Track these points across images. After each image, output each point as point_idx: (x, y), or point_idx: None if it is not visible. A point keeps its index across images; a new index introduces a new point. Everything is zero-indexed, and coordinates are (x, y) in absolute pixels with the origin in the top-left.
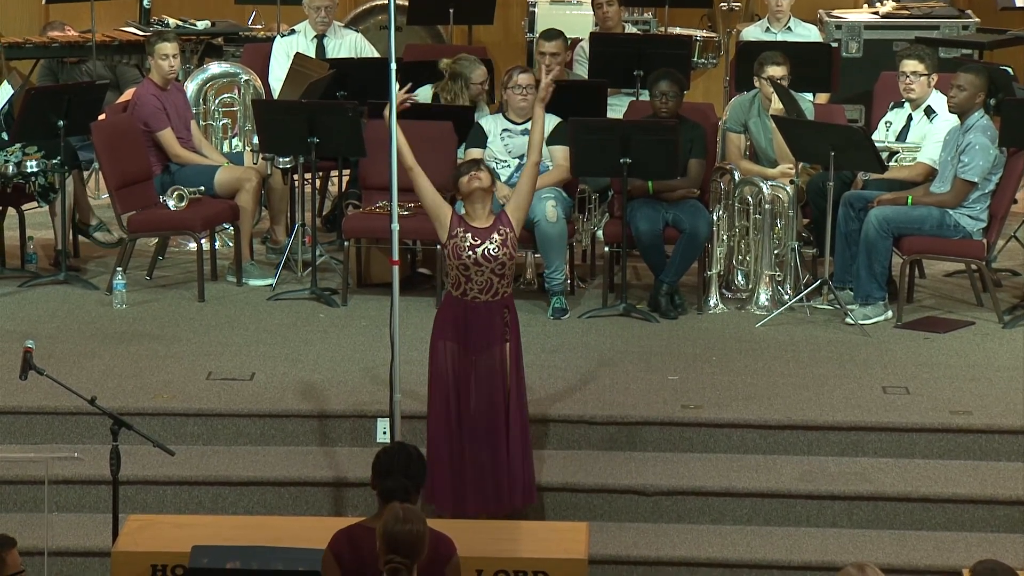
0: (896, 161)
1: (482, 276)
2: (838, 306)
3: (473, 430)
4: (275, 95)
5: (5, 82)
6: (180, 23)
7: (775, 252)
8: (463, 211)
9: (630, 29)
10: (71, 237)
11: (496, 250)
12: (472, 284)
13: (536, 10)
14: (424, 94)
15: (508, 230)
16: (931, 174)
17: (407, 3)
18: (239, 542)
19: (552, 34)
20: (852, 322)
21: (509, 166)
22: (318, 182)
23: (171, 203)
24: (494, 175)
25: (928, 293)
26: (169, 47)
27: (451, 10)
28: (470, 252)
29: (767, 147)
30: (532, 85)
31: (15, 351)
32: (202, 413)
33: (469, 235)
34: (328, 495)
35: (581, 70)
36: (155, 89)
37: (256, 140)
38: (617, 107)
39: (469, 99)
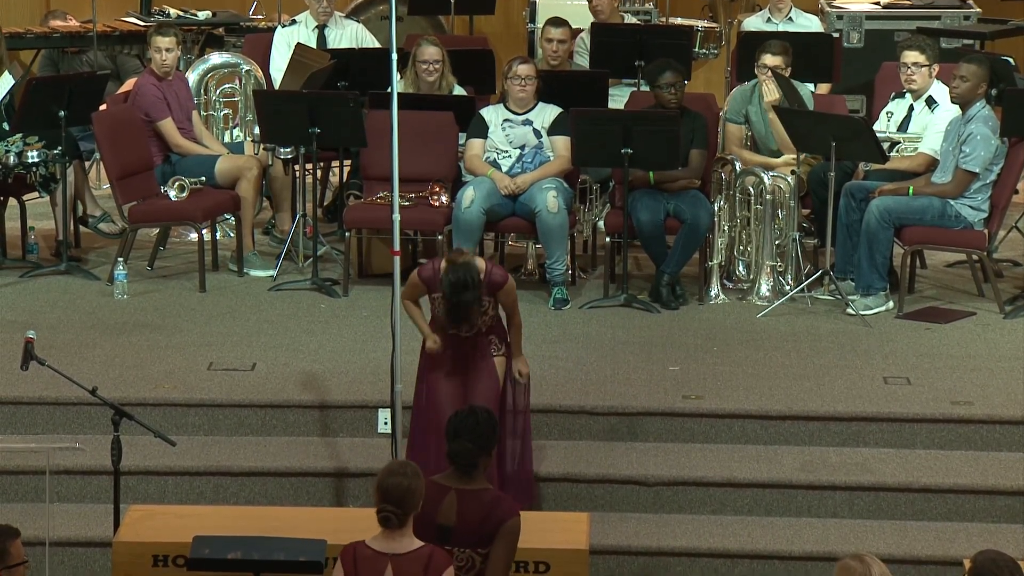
0: (897, 151)
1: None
2: (839, 296)
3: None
4: (276, 85)
5: (6, 72)
6: (181, 13)
7: (776, 242)
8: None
9: (631, 19)
10: (72, 227)
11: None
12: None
13: (537, 0)
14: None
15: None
16: (932, 164)
17: None
18: (240, 532)
19: (559, 21)
20: (853, 312)
21: (510, 156)
22: (319, 172)
23: (172, 193)
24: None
25: (929, 283)
26: (164, 41)
27: (452, 0)
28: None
29: (767, 137)
30: (532, 76)
31: (16, 341)
32: (203, 403)
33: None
34: (329, 485)
35: (582, 60)
36: (155, 79)
37: (257, 130)
38: (618, 97)
39: (415, 75)
